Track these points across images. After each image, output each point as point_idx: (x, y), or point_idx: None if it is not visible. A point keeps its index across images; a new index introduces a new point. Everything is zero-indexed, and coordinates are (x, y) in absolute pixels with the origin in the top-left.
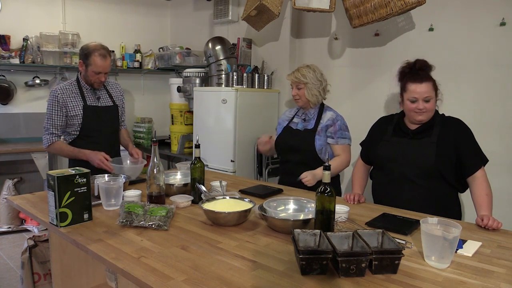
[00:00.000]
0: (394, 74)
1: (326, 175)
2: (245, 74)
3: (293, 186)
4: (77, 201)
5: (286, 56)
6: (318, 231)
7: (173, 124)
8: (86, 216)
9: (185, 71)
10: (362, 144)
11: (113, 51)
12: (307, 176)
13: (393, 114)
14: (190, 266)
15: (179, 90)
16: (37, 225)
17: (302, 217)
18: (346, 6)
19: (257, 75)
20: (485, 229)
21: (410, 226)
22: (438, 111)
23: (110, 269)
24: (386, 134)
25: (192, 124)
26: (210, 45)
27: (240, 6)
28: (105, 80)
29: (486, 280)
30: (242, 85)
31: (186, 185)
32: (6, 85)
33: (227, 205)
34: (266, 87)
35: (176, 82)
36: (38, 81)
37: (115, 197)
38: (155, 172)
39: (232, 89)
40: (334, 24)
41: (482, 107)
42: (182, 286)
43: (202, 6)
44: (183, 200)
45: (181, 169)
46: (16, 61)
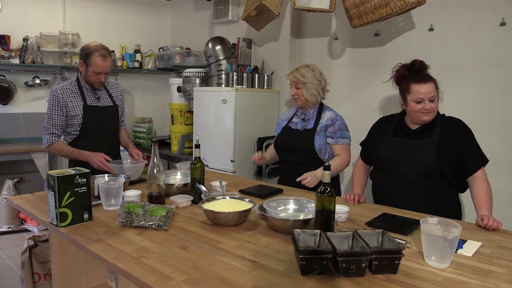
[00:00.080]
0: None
1: (326, 175)
2: (245, 74)
3: (293, 186)
4: (77, 201)
5: (286, 56)
6: (318, 231)
7: (173, 124)
8: (86, 216)
9: (185, 71)
10: (362, 144)
11: (113, 51)
12: (307, 177)
13: (393, 114)
14: (190, 266)
15: (179, 90)
16: (37, 225)
17: (302, 217)
18: (346, 6)
19: (257, 75)
20: (485, 229)
21: (410, 226)
22: (439, 111)
23: (110, 269)
24: (386, 134)
25: (192, 124)
26: (210, 45)
27: (240, 6)
28: (105, 80)
29: (486, 280)
30: (242, 85)
31: (186, 185)
32: (6, 85)
33: (227, 205)
34: (266, 87)
35: (176, 82)
36: (38, 81)
37: (115, 197)
38: (155, 172)
39: (232, 89)
40: (334, 24)
41: (482, 107)
42: (182, 286)
43: (202, 6)
44: (183, 200)
45: (181, 169)
46: (16, 61)
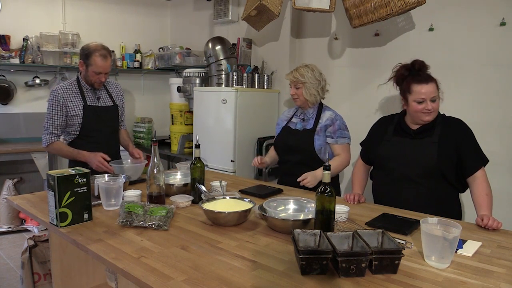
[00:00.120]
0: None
1: (326, 175)
2: (245, 74)
3: (293, 186)
4: (77, 201)
5: (286, 56)
6: (318, 231)
7: (173, 124)
8: (86, 216)
9: (185, 71)
10: (362, 144)
11: (113, 51)
12: (307, 177)
13: (393, 114)
14: (190, 266)
15: (179, 90)
16: (37, 225)
17: (302, 217)
18: (346, 6)
19: (257, 75)
20: (485, 229)
21: (410, 226)
22: (439, 111)
23: (110, 269)
24: (387, 134)
25: (192, 124)
26: (210, 45)
27: (240, 6)
28: (105, 80)
29: (486, 280)
30: (242, 85)
31: (186, 185)
32: (6, 85)
33: (227, 205)
34: (266, 87)
35: (176, 82)
36: (38, 81)
37: (115, 197)
38: (155, 172)
39: (232, 89)
40: (334, 24)
41: (482, 107)
42: (182, 286)
43: (202, 6)
44: (183, 200)
45: (181, 169)
46: (16, 61)
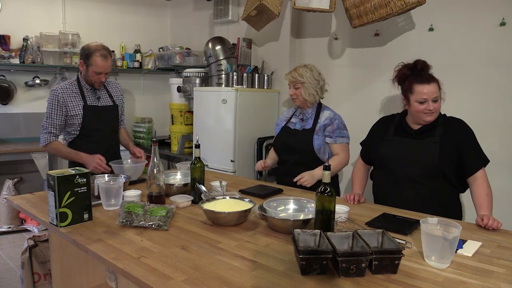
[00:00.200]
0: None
1: (326, 175)
2: (245, 74)
3: (292, 186)
4: (77, 201)
5: (286, 56)
6: (318, 231)
7: (173, 124)
8: (86, 216)
9: (185, 71)
10: (362, 143)
11: (113, 51)
12: (304, 176)
13: (394, 114)
14: (190, 266)
15: (179, 90)
16: (37, 225)
17: (302, 217)
18: (346, 6)
19: (257, 75)
20: (485, 229)
21: (410, 226)
22: (441, 111)
23: (110, 269)
24: (388, 134)
25: (192, 124)
26: (210, 45)
27: (240, 6)
28: (105, 80)
29: (486, 280)
30: (242, 85)
31: (186, 185)
32: (6, 85)
33: (227, 205)
34: (266, 87)
35: (176, 82)
36: (38, 81)
37: (115, 197)
38: (155, 172)
39: (232, 89)
40: (334, 24)
41: (482, 107)
42: (182, 286)
43: (202, 6)
44: (183, 200)
45: (181, 169)
46: (16, 61)
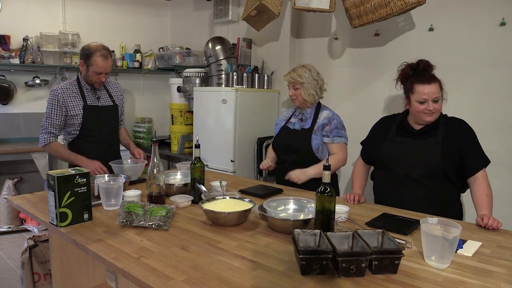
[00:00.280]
0: (394, 74)
1: (326, 175)
2: (245, 74)
3: (290, 186)
4: (77, 201)
5: (286, 56)
6: (318, 231)
7: (173, 124)
8: (86, 216)
9: (185, 71)
10: (363, 143)
11: (113, 51)
12: (295, 172)
13: (395, 114)
14: (190, 266)
15: (179, 90)
16: (37, 225)
17: (302, 217)
18: (346, 6)
19: (257, 75)
20: (485, 228)
21: (410, 226)
22: (442, 111)
23: (110, 269)
24: (389, 134)
25: (192, 124)
26: (210, 45)
27: (240, 6)
28: (105, 80)
29: (486, 280)
30: (242, 85)
31: (186, 185)
32: (6, 85)
33: (227, 205)
34: (266, 87)
35: (176, 82)
36: (38, 81)
37: (115, 197)
38: (155, 172)
39: (232, 89)
40: (334, 24)
41: (482, 107)
42: (182, 286)
43: (202, 6)
44: (183, 200)
45: (181, 169)
46: (16, 61)
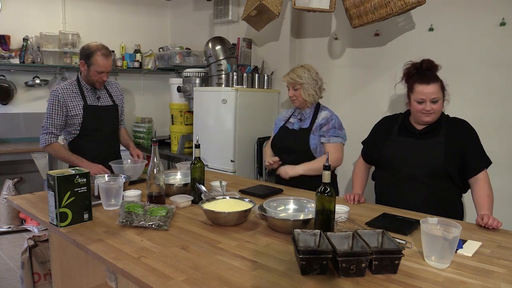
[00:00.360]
0: (394, 74)
1: (326, 175)
2: (245, 74)
3: (289, 186)
4: (77, 201)
5: (286, 56)
6: (318, 231)
7: (173, 124)
8: (86, 216)
9: (185, 71)
10: (363, 143)
11: (113, 51)
12: (284, 167)
13: (397, 114)
14: (190, 266)
15: (179, 90)
16: (37, 225)
17: (302, 217)
18: (346, 6)
19: (257, 75)
20: (485, 228)
21: (410, 226)
22: (444, 112)
23: (110, 269)
24: (391, 134)
25: (192, 124)
26: (210, 45)
27: (240, 6)
28: (107, 79)
29: (486, 280)
30: (242, 85)
31: (186, 185)
32: (6, 85)
33: (227, 205)
34: (266, 87)
35: (176, 82)
36: (38, 81)
37: (115, 197)
38: (155, 172)
39: (232, 89)
40: (334, 24)
41: (482, 107)
42: (182, 286)
43: (202, 6)
44: (183, 200)
45: (181, 169)
46: (16, 61)
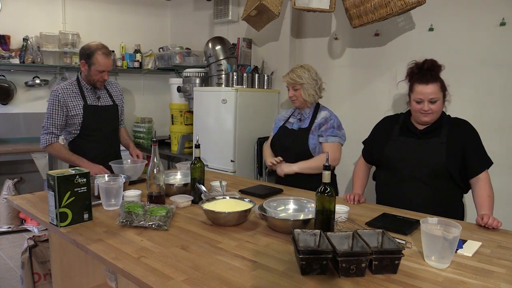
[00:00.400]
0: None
1: (326, 175)
2: (245, 74)
3: (291, 186)
4: (77, 201)
5: (286, 56)
6: (318, 231)
7: (173, 124)
8: (86, 216)
9: (185, 71)
10: (364, 142)
11: (113, 51)
12: (280, 165)
13: (398, 114)
14: (190, 266)
15: (179, 90)
16: (37, 225)
17: (302, 217)
18: (346, 6)
19: (257, 75)
20: (485, 228)
21: (410, 226)
22: (445, 112)
23: (110, 269)
24: (392, 133)
25: (192, 124)
26: (210, 45)
27: (240, 6)
28: (107, 78)
29: (486, 280)
30: (242, 85)
31: (186, 185)
32: (6, 85)
33: (227, 205)
34: (266, 87)
35: (176, 82)
36: (38, 81)
37: (115, 197)
38: (155, 172)
39: (232, 89)
40: (334, 24)
41: (482, 107)
42: (182, 286)
43: (202, 6)
44: (183, 200)
45: (181, 169)
46: (16, 61)
